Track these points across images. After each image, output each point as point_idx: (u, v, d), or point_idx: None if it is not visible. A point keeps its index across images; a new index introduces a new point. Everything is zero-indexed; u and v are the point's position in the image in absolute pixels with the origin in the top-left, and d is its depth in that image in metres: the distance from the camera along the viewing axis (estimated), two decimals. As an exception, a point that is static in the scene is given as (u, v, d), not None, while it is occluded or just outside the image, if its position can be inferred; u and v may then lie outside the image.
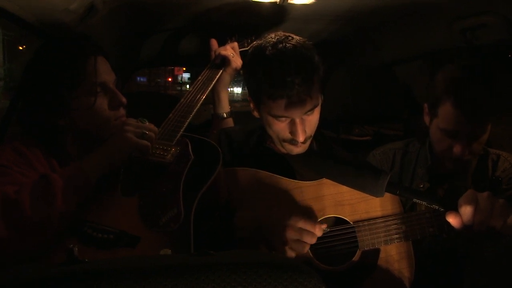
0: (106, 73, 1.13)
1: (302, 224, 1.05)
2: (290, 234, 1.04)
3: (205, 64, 1.57)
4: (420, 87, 2.19)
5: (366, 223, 1.14)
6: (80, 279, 0.52)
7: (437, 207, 0.91)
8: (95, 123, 1.11)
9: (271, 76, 1.12)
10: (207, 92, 1.41)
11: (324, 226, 1.07)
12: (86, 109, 1.09)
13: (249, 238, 1.08)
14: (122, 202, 1.01)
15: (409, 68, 2.22)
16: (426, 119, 1.39)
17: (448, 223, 0.92)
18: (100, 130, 1.12)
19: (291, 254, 1.05)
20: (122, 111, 1.15)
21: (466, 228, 0.89)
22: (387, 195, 1.04)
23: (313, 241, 1.05)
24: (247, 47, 1.68)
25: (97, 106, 1.10)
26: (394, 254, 1.14)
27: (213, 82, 1.47)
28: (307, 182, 1.17)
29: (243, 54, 1.58)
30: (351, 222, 1.15)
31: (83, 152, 1.11)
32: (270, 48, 1.15)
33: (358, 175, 0.96)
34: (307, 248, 1.06)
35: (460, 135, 1.25)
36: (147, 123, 1.10)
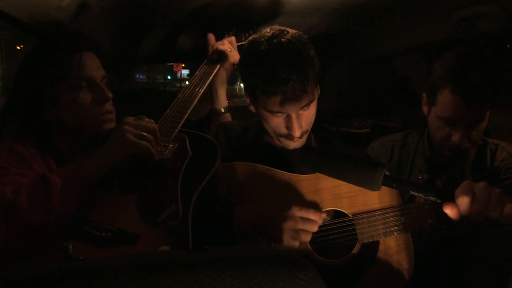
0: (93, 68, 1.12)
1: (302, 213, 1.05)
2: (291, 224, 1.04)
3: (203, 59, 1.56)
4: (419, 79, 2.19)
5: (365, 215, 1.14)
6: (76, 276, 0.52)
7: (434, 198, 0.90)
8: (80, 118, 1.10)
9: (266, 72, 1.11)
10: (204, 87, 1.40)
11: (324, 215, 1.07)
12: (70, 104, 1.08)
13: (248, 231, 1.08)
14: (120, 199, 1.01)
15: (407, 60, 2.21)
16: (425, 109, 1.39)
17: (446, 213, 0.92)
18: (85, 125, 1.11)
19: (293, 244, 1.05)
20: (108, 106, 1.13)
21: (463, 218, 0.88)
22: (385, 187, 1.04)
23: (314, 228, 1.05)
24: (244, 41, 1.67)
25: (80, 101, 1.09)
26: (393, 246, 1.15)
27: (211, 77, 1.46)
28: (305, 175, 1.17)
29: (240, 49, 1.58)
30: (350, 215, 1.15)
31: (76, 150, 1.11)
32: (265, 43, 1.13)
33: (354, 169, 0.95)
34: (309, 237, 1.05)
35: (458, 122, 1.24)
36: (146, 120, 1.08)
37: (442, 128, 1.29)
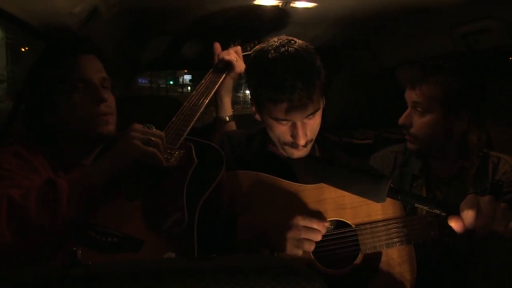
0: (91, 70, 1.13)
1: (305, 222, 1.06)
2: (294, 233, 1.05)
3: (208, 67, 1.57)
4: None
5: (368, 226, 1.15)
6: (79, 281, 0.52)
7: (438, 211, 0.91)
8: (77, 120, 1.12)
9: (273, 80, 1.12)
10: (210, 96, 1.41)
11: (327, 224, 1.08)
12: (67, 105, 1.10)
13: (251, 240, 1.08)
14: (126, 205, 1.01)
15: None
16: None
17: (450, 227, 0.93)
18: (83, 127, 1.12)
19: (297, 253, 1.06)
20: (104, 108, 1.14)
21: (468, 232, 0.89)
22: (389, 198, 1.04)
23: (318, 238, 1.06)
24: (250, 51, 1.68)
25: (74, 102, 1.10)
26: (395, 257, 1.15)
27: (216, 86, 1.48)
28: (309, 185, 1.17)
29: (245, 58, 1.59)
30: (353, 225, 1.16)
31: (81, 153, 1.12)
32: (272, 51, 1.15)
33: (359, 181, 0.96)
34: (312, 246, 1.06)
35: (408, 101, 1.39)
36: (154, 129, 1.08)
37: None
